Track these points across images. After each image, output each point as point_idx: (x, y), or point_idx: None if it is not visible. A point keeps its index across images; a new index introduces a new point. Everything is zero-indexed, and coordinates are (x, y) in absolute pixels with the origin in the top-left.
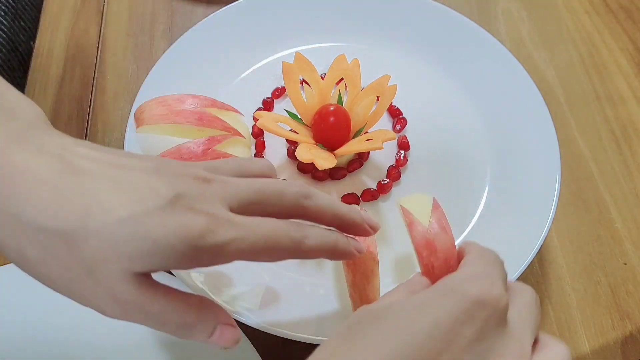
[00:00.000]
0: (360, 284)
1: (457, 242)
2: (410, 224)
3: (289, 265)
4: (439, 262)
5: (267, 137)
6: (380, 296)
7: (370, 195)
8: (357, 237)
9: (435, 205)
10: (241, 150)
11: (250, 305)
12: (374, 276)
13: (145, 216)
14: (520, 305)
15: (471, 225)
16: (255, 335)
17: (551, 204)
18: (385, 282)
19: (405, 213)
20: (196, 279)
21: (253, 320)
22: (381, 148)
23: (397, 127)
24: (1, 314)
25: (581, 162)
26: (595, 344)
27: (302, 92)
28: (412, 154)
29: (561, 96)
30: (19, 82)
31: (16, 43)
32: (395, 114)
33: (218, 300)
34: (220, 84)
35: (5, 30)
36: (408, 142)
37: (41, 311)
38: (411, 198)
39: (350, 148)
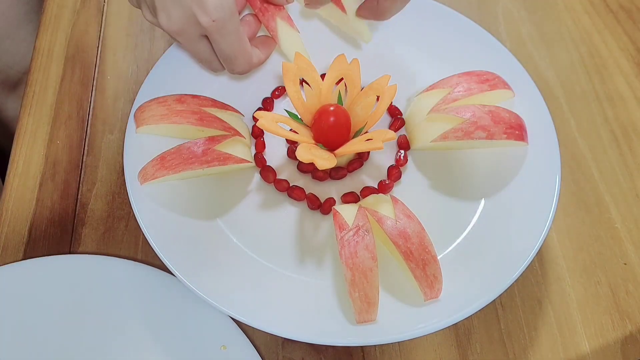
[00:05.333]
0: (360, 282)
1: (457, 241)
2: (379, 220)
3: (289, 265)
4: (415, 246)
5: (267, 137)
6: (379, 295)
7: (370, 194)
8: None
9: (394, 200)
10: (241, 150)
11: (250, 305)
12: (373, 275)
13: None
14: None
15: (471, 224)
16: (255, 335)
17: (551, 204)
18: (384, 280)
19: (371, 212)
20: (196, 278)
21: (253, 320)
22: (381, 148)
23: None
24: (1, 314)
25: (581, 162)
26: (595, 344)
27: (302, 92)
28: (412, 153)
29: (561, 96)
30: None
31: None
32: (395, 113)
33: (219, 300)
34: (220, 84)
35: None
36: (408, 141)
37: (41, 311)
38: (369, 199)
39: (351, 148)
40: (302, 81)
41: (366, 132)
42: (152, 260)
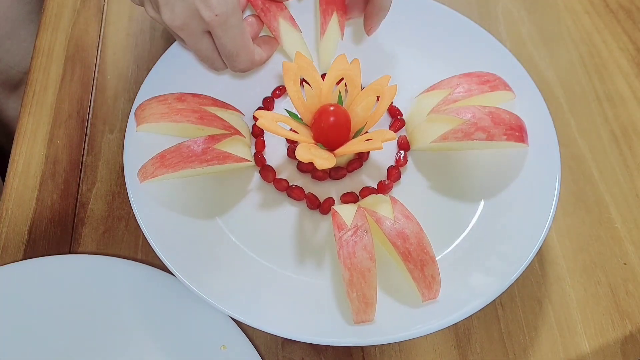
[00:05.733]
0: (358, 283)
1: (457, 242)
2: (378, 220)
3: (289, 265)
4: (413, 246)
5: (267, 137)
6: (377, 296)
7: (369, 194)
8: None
9: (393, 200)
10: (241, 149)
11: (250, 305)
12: (372, 275)
13: None
14: None
15: (471, 225)
16: (255, 335)
17: (551, 204)
18: (382, 281)
19: (370, 212)
20: (196, 278)
21: (253, 320)
22: (381, 148)
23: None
24: (1, 314)
25: (581, 162)
26: (595, 344)
27: (302, 91)
28: (412, 154)
29: (561, 96)
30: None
31: None
32: (395, 114)
33: (219, 300)
34: (220, 83)
35: None
36: (408, 142)
37: (41, 311)
38: (368, 200)
39: (350, 148)
40: (303, 81)
41: (366, 132)
42: (152, 260)
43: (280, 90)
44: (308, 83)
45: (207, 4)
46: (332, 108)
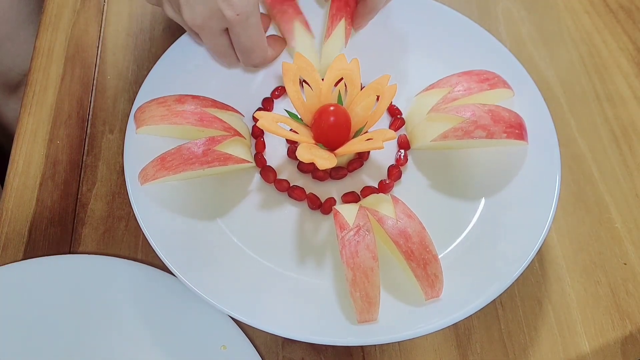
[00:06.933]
0: (361, 282)
1: (457, 242)
2: (379, 220)
3: (289, 265)
4: (416, 245)
5: (268, 137)
6: (380, 295)
7: (370, 194)
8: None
9: (395, 199)
10: (241, 150)
11: (250, 305)
12: (374, 274)
13: None
14: None
15: (471, 225)
16: (255, 335)
17: (551, 204)
18: (385, 280)
19: (372, 212)
20: (196, 278)
21: (253, 320)
22: (382, 147)
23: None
24: (1, 314)
25: (581, 162)
26: (595, 344)
27: (302, 92)
28: (413, 153)
29: (561, 96)
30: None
31: None
32: (395, 113)
33: (219, 300)
34: (220, 84)
35: None
36: (408, 141)
37: (41, 311)
38: (369, 199)
39: (351, 148)
40: (302, 81)
41: (366, 131)
42: (152, 260)
43: (279, 91)
44: (307, 83)
45: (230, 3)
46: (332, 108)
